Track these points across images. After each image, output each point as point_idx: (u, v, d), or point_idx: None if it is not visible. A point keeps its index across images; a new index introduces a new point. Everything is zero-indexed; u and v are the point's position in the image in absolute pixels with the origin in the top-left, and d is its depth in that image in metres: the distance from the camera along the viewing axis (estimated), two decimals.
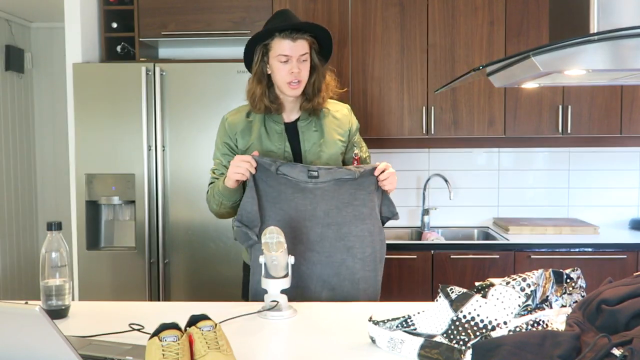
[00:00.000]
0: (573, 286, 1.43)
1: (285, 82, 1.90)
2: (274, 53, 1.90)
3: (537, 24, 3.13)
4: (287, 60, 1.88)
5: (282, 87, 1.92)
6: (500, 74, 1.46)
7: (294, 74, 1.88)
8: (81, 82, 2.94)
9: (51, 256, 1.56)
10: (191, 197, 2.92)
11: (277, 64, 1.90)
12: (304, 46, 1.90)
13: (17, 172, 4.33)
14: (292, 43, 1.88)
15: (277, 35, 1.88)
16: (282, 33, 1.88)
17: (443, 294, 1.37)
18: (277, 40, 1.89)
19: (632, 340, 1.06)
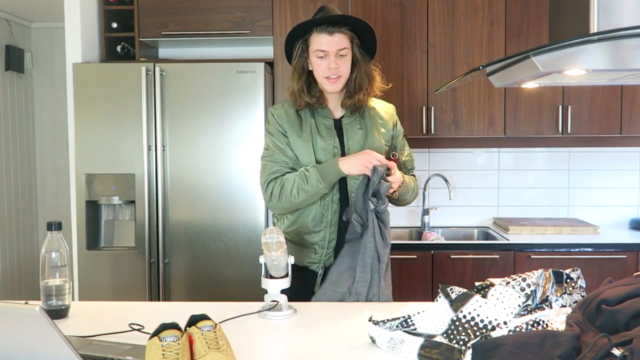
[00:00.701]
0: (573, 286, 1.43)
1: (323, 77, 1.89)
2: (312, 48, 1.89)
3: (537, 24, 3.13)
4: (324, 56, 1.87)
5: (321, 82, 1.91)
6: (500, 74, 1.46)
7: (332, 69, 1.87)
8: (81, 82, 2.94)
9: (51, 256, 1.56)
10: (191, 197, 2.92)
11: (315, 59, 1.89)
12: (341, 40, 1.87)
13: (17, 172, 4.32)
14: (329, 37, 1.86)
15: (315, 30, 1.87)
16: (319, 27, 1.86)
17: (443, 294, 1.37)
18: (314, 35, 1.88)
19: (632, 340, 1.06)
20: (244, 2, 3.16)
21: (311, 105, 1.94)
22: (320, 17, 1.88)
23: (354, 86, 1.94)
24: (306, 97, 1.92)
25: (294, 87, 1.93)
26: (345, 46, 1.88)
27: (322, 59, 1.87)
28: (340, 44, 1.87)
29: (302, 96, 1.92)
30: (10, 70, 4.17)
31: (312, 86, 1.94)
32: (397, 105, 3.17)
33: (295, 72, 1.95)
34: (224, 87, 2.89)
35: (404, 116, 3.18)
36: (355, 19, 1.90)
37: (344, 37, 1.87)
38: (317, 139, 1.93)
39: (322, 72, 1.89)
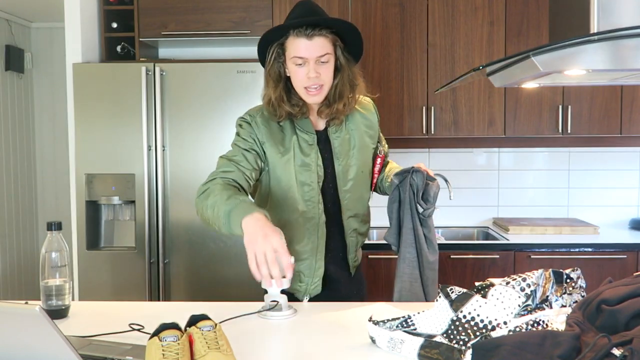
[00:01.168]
0: (573, 286, 1.43)
1: (302, 87, 1.66)
2: (289, 54, 1.65)
3: (537, 24, 3.13)
4: (303, 63, 1.63)
5: (300, 92, 1.68)
6: (500, 74, 1.46)
7: (311, 78, 1.63)
8: (81, 82, 2.94)
9: (51, 256, 1.56)
10: (191, 197, 2.90)
11: (292, 66, 1.65)
12: (322, 45, 1.62)
13: (17, 172, 4.33)
14: (308, 42, 1.61)
15: (292, 33, 1.62)
16: (297, 30, 1.61)
17: (443, 294, 1.37)
18: (291, 38, 1.63)
19: (632, 340, 1.06)
20: (244, 2, 3.16)
21: (293, 115, 1.70)
22: (297, 19, 1.62)
23: (333, 94, 1.70)
24: (287, 106, 1.68)
25: (271, 95, 1.68)
26: (327, 51, 1.63)
27: (300, 67, 1.63)
28: (322, 49, 1.62)
29: (282, 106, 1.68)
30: (10, 70, 4.17)
31: (292, 93, 1.70)
32: (397, 105, 3.19)
33: (270, 79, 1.70)
34: (224, 87, 2.89)
35: (404, 116, 3.18)
36: (337, 21, 1.67)
37: (325, 41, 1.63)
38: (298, 157, 1.70)
39: (301, 81, 1.65)
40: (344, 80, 1.71)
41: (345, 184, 1.77)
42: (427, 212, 1.72)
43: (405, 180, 1.75)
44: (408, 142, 3.35)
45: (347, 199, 1.78)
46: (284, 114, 1.70)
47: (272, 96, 1.69)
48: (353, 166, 1.78)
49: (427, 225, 1.75)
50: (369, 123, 1.85)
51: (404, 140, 3.29)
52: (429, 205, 1.72)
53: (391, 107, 3.19)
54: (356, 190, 1.81)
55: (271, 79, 1.70)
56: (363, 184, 1.84)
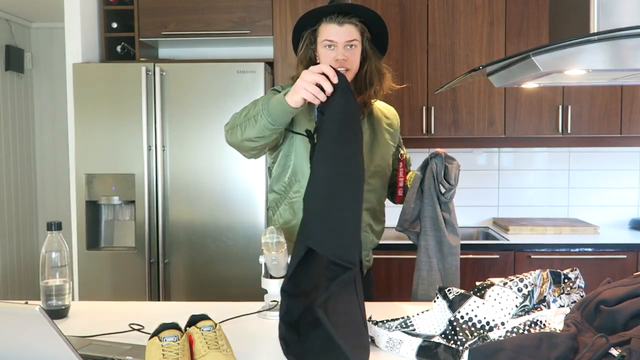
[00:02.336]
0: (571, 286, 1.44)
1: None
2: (320, 38, 1.77)
3: (537, 24, 3.13)
4: (332, 46, 1.75)
5: None
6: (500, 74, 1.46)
7: (339, 61, 1.74)
8: (81, 82, 2.94)
9: (51, 256, 1.56)
10: (191, 197, 2.92)
11: (322, 50, 1.77)
12: (351, 32, 1.75)
13: (17, 172, 4.33)
14: (339, 27, 1.74)
15: (324, 20, 1.76)
16: (328, 17, 1.75)
17: (441, 295, 1.37)
18: (323, 25, 1.76)
19: (630, 340, 1.06)
20: (244, 2, 3.16)
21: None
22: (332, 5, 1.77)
23: (363, 82, 1.82)
24: None
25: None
26: (355, 37, 1.76)
27: (330, 50, 1.76)
28: (350, 35, 1.75)
29: None
30: (10, 70, 4.17)
31: None
32: (397, 105, 3.18)
33: (300, 63, 1.82)
34: (224, 87, 2.89)
35: (404, 116, 3.18)
36: (367, 10, 1.79)
37: (354, 28, 1.76)
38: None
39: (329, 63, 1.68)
40: (372, 69, 1.82)
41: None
42: (448, 194, 1.74)
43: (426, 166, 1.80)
44: (408, 142, 3.31)
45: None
46: None
47: None
48: (371, 158, 1.85)
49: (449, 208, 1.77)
50: (389, 122, 1.96)
51: (404, 140, 3.25)
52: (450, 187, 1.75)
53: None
54: (372, 183, 1.86)
55: (302, 63, 1.81)
56: (380, 178, 1.90)
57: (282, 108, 1.54)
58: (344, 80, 1.47)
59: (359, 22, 1.78)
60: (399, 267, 2.93)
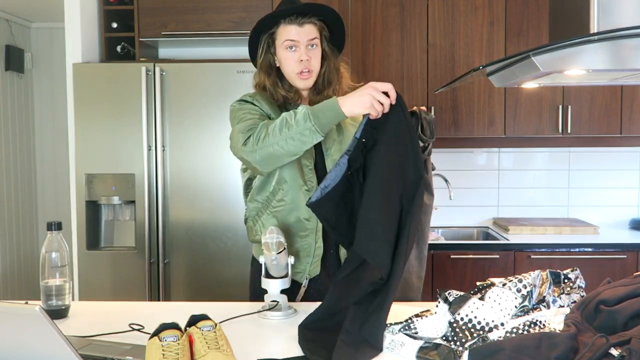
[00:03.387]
0: (571, 286, 1.43)
1: (295, 73, 1.75)
2: (280, 41, 1.75)
3: (537, 24, 3.13)
4: (294, 48, 1.73)
5: (292, 78, 1.77)
6: (500, 74, 1.46)
7: (303, 62, 1.73)
8: (81, 82, 2.94)
9: (51, 256, 1.56)
10: (191, 197, 2.92)
11: (284, 52, 1.75)
12: (311, 31, 1.74)
13: (17, 172, 4.33)
14: (299, 28, 1.72)
15: (283, 22, 1.74)
16: (287, 18, 1.73)
17: (442, 298, 1.37)
18: (282, 26, 1.74)
19: (630, 340, 1.06)
20: (244, 2, 3.16)
21: (288, 101, 1.77)
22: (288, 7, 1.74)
23: (322, 82, 1.80)
24: (282, 90, 1.77)
25: (266, 82, 1.77)
26: (315, 36, 1.75)
27: (291, 52, 1.73)
28: (311, 34, 1.74)
29: (277, 90, 1.76)
30: (10, 70, 4.17)
31: (283, 81, 1.79)
32: None
33: (261, 70, 1.79)
34: (224, 87, 2.89)
35: None
36: (326, 8, 1.77)
37: (313, 27, 1.75)
38: None
39: (293, 67, 1.74)
40: (331, 68, 1.81)
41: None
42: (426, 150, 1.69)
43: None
44: None
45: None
46: (281, 97, 1.77)
47: (267, 83, 1.78)
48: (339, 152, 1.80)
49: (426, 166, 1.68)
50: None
51: None
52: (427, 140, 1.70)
53: None
54: None
55: (262, 70, 1.79)
56: None
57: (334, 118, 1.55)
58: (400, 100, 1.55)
59: (318, 21, 1.77)
60: None
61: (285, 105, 1.80)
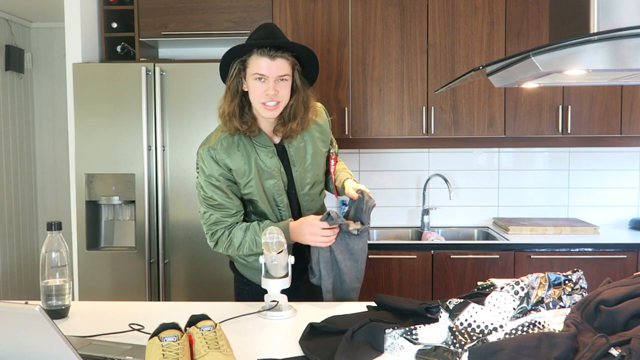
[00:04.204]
0: (572, 287, 1.44)
1: (260, 103, 1.76)
2: (250, 70, 1.76)
3: (537, 24, 3.13)
4: (263, 79, 1.74)
5: (258, 107, 1.79)
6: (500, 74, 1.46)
7: (270, 95, 1.74)
8: (81, 82, 2.94)
9: (51, 256, 1.56)
10: (191, 197, 2.92)
11: (252, 82, 1.76)
12: (283, 66, 1.75)
13: (17, 172, 4.33)
14: (270, 61, 1.73)
15: (255, 52, 1.74)
16: (260, 50, 1.73)
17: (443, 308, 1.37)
18: (254, 57, 1.74)
19: (630, 340, 1.06)
20: (244, 2, 3.16)
21: (240, 132, 1.81)
22: (264, 40, 1.75)
23: (288, 114, 1.82)
24: (236, 122, 1.79)
25: (225, 108, 1.80)
26: (286, 72, 1.76)
27: (260, 83, 1.75)
28: (282, 69, 1.74)
29: (232, 121, 1.79)
30: (10, 70, 4.17)
31: (244, 111, 1.81)
32: (397, 105, 3.19)
33: (228, 92, 1.81)
34: (224, 87, 2.88)
35: (404, 116, 3.18)
36: (301, 47, 1.79)
37: (285, 62, 1.75)
38: (264, 174, 1.84)
39: (259, 97, 1.75)
40: (299, 102, 1.83)
41: (303, 188, 1.91)
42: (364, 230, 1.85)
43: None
44: (408, 142, 3.35)
45: (305, 201, 1.93)
46: (233, 129, 1.80)
47: (226, 110, 1.81)
48: (310, 171, 1.91)
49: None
50: (321, 129, 1.94)
51: (404, 140, 3.29)
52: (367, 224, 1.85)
53: (391, 107, 3.19)
54: (314, 193, 1.95)
55: (229, 92, 1.82)
56: (318, 185, 1.98)
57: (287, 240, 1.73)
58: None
59: (291, 57, 1.77)
60: (399, 266, 2.93)
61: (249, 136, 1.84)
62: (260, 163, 1.84)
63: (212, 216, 1.85)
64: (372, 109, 3.19)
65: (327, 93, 3.18)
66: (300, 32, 3.17)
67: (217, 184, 1.82)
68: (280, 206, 1.89)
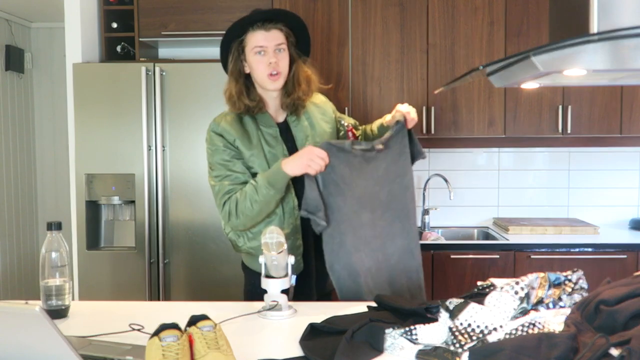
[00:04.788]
0: (573, 287, 1.43)
1: (265, 75, 1.84)
2: (249, 47, 1.85)
3: (537, 24, 3.13)
4: (263, 52, 1.83)
5: (263, 81, 1.86)
6: (500, 74, 1.46)
7: (272, 64, 1.82)
8: (81, 82, 2.94)
9: (51, 256, 1.56)
10: (191, 197, 2.92)
11: (253, 57, 1.84)
12: (278, 36, 1.85)
13: (17, 172, 4.33)
14: (266, 33, 1.83)
15: (250, 29, 1.84)
16: (254, 25, 1.83)
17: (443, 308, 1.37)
18: (250, 33, 1.84)
19: (630, 340, 1.06)
20: (244, 2, 3.16)
21: (251, 110, 1.87)
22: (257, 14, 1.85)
23: (292, 84, 1.90)
24: (246, 99, 1.86)
25: (232, 90, 1.87)
26: (282, 41, 1.85)
27: (261, 56, 1.83)
28: (278, 38, 1.84)
29: (241, 99, 1.86)
30: (10, 70, 4.17)
31: (250, 90, 1.89)
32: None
33: (231, 76, 1.89)
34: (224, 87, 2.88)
35: None
36: (290, 13, 1.89)
37: (280, 33, 1.85)
38: (266, 148, 1.87)
39: (263, 70, 1.84)
40: (299, 69, 1.91)
41: None
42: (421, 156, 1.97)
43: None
44: None
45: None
46: (243, 107, 1.87)
47: (233, 90, 1.87)
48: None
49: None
50: (322, 110, 2.00)
51: None
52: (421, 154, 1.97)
53: (391, 107, 3.18)
54: None
55: (233, 76, 1.89)
56: None
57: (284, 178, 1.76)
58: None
59: (284, 27, 1.87)
60: None
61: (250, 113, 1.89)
62: (264, 142, 1.87)
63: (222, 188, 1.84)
64: (372, 109, 3.19)
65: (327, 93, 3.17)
66: None
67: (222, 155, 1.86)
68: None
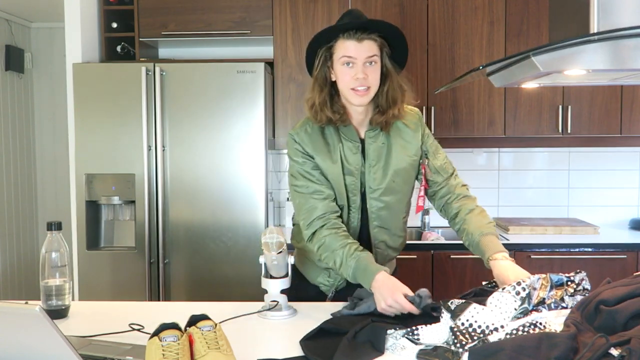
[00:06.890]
0: (575, 288, 1.44)
1: (349, 89, 1.68)
2: (337, 55, 1.69)
3: (537, 24, 3.13)
4: (351, 64, 1.67)
5: (347, 94, 1.70)
6: (500, 74, 1.46)
7: (359, 79, 1.66)
8: (81, 82, 2.94)
9: (51, 256, 1.56)
10: (191, 197, 2.92)
11: (340, 67, 1.69)
12: (371, 48, 1.67)
13: (17, 172, 4.32)
14: (357, 44, 1.66)
15: (341, 36, 1.68)
16: (346, 33, 1.67)
17: (444, 308, 1.37)
18: (340, 41, 1.68)
19: (630, 340, 1.06)
20: (244, 2, 3.16)
21: (333, 122, 1.74)
22: (348, 21, 1.69)
23: (386, 100, 1.73)
24: (328, 111, 1.72)
25: (315, 99, 1.73)
26: (375, 53, 1.68)
27: (348, 68, 1.67)
28: (370, 50, 1.67)
29: (324, 110, 1.72)
30: (10, 70, 4.17)
31: (334, 100, 1.74)
32: None
33: (316, 82, 1.74)
34: (224, 87, 2.89)
35: None
36: (388, 25, 1.71)
37: (373, 44, 1.68)
38: (345, 163, 1.75)
39: (348, 82, 1.68)
40: (394, 86, 1.74)
41: (373, 191, 1.78)
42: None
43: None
44: None
45: (374, 207, 1.79)
46: (324, 118, 1.73)
47: (316, 100, 1.73)
48: (383, 175, 1.77)
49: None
50: (407, 131, 1.81)
51: None
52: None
53: None
54: (386, 201, 1.79)
55: (317, 82, 1.74)
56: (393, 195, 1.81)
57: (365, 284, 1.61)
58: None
59: (378, 37, 1.70)
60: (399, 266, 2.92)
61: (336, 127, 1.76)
62: (343, 157, 1.75)
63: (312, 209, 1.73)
64: None
65: None
66: (301, 32, 3.17)
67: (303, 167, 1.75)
68: (352, 206, 1.78)
